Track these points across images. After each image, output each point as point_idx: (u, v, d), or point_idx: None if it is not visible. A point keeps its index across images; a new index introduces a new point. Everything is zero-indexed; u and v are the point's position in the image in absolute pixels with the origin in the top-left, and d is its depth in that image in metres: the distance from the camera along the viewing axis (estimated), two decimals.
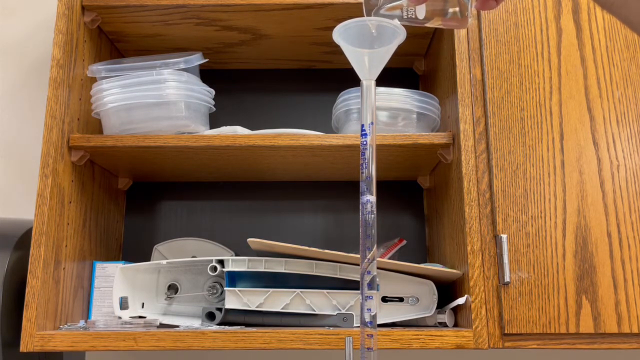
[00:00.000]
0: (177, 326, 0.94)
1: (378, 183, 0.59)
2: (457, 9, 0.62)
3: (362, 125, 0.57)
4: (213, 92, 1.09)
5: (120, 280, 0.99)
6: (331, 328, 0.89)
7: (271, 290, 0.94)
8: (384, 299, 0.96)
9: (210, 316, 0.96)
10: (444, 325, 0.95)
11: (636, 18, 0.53)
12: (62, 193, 0.97)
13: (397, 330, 0.87)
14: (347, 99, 1.05)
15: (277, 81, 1.34)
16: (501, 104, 0.96)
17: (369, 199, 0.56)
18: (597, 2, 0.56)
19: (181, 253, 1.17)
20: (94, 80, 1.05)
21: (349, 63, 0.58)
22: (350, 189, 1.27)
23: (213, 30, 1.16)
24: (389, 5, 0.61)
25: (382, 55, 0.58)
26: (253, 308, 0.93)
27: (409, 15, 0.61)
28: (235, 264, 0.95)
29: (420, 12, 0.61)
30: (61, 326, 0.96)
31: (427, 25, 0.63)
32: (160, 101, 1.00)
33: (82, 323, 0.97)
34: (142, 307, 1.01)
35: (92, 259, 1.09)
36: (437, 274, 0.96)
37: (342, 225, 1.26)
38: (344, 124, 1.06)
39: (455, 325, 0.97)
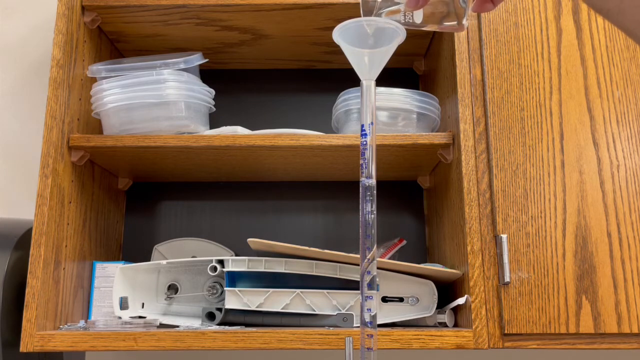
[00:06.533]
0: (177, 326, 0.94)
1: (378, 183, 0.59)
2: (454, 13, 0.62)
3: (362, 125, 0.57)
4: (213, 92, 1.09)
5: (120, 280, 0.99)
6: (331, 328, 0.89)
7: (271, 290, 0.94)
8: (384, 299, 0.96)
9: (210, 316, 0.96)
10: (444, 325, 0.95)
11: (632, 25, 0.53)
12: (62, 193, 0.97)
13: (397, 330, 0.87)
14: (347, 99, 1.06)
15: (277, 81, 1.34)
16: (501, 104, 0.96)
17: (370, 182, 0.56)
18: (594, 8, 0.56)
19: (181, 253, 1.17)
20: (94, 80, 1.05)
21: (349, 63, 0.58)
22: (350, 189, 1.27)
23: (213, 30, 1.16)
24: (386, 9, 0.61)
25: (382, 55, 0.58)
26: (253, 308, 0.93)
27: (406, 20, 0.61)
28: (235, 264, 0.95)
29: (418, 16, 0.61)
30: (61, 326, 0.96)
31: (425, 29, 0.63)
32: (160, 101, 1.00)
33: (82, 323, 0.97)
34: (142, 307, 1.01)
35: (92, 259, 1.09)
36: (437, 274, 0.96)
37: (342, 225, 1.26)
38: (344, 124, 1.06)
39: (455, 325, 0.97)
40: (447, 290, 1.02)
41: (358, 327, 0.89)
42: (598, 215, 0.92)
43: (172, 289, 1.02)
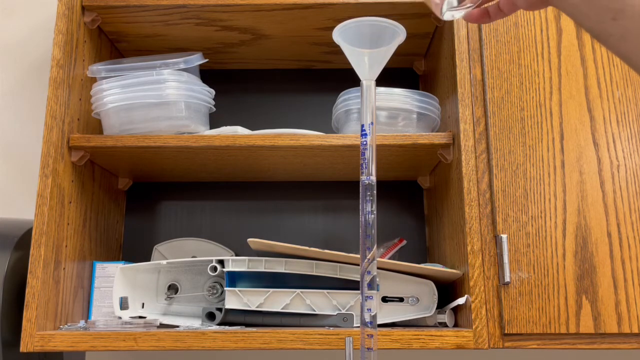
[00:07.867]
0: (177, 326, 0.94)
1: (378, 183, 0.59)
2: None
3: (362, 125, 0.57)
4: (213, 92, 1.09)
5: (120, 280, 0.99)
6: (331, 328, 0.89)
7: (271, 290, 0.94)
8: (384, 299, 0.96)
9: (210, 316, 0.96)
10: (444, 325, 0.95)
11: (636, 56, 0.50)
12: (62, 193, 0.97)
13: (397, 330, 0.87)
14: (347, 99, 1.05)
15: (277, 81, 1.34)
16: (501, 104, 0.96)
17: (370, 181, 0.56)
18: (593, 35, 0.54)
19: (181, 253, 1.17)
20: (94, 80, 1.05)
21: (349, 63, 0.58)
22: (350, 189, 1.27)
23: (213, 30, 1.16)
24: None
25: (382, 55, 0.58)
26: (253, 308, 0.93)
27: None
28: (235, 264, 0.95)
29: None
30: (61, 326, 0.96)
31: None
32: (160, 101, 1.00)
33: (82, 323, 0.97)
34: (142, 307, 1.01)
35: (92, 259, 1.09)
36: (437, 274, 0.96)
37: (342, 225, 1.26)
38: (344, 124, 1.06)
39: (456, 325, 0.97)
40: (447, 290, 1.02)
41: (358, 327, 0.89)
42: (598, 215, 0.92)
43: (172, 289, 1.02)
